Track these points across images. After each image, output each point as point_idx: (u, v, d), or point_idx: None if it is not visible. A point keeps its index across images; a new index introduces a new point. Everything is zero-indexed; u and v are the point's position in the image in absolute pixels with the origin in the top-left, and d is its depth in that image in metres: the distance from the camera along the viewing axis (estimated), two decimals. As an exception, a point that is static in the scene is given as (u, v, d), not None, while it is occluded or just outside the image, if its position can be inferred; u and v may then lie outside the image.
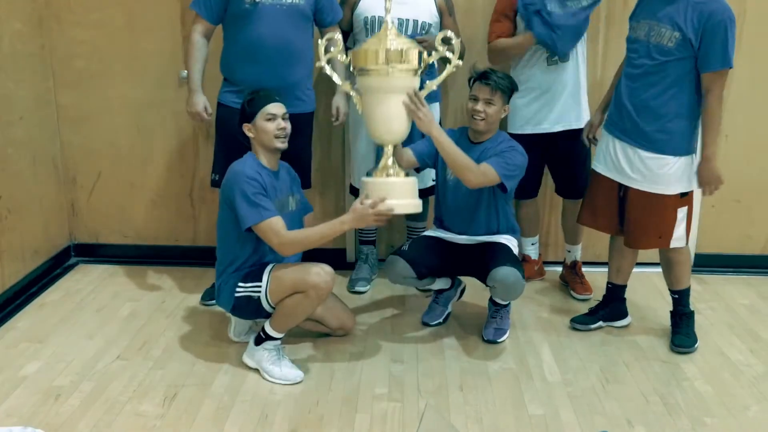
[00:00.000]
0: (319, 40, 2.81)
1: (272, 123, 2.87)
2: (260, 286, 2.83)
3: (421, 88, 2.79)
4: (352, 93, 2.87)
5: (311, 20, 3.32)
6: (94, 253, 4.07)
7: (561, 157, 3.57)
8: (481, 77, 3.03)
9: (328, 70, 2.83)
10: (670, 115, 2.91)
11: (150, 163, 3.96)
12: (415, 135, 3.08)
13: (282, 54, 3.21)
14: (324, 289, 2.77)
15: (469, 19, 3.64)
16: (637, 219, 3.06)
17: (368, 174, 2.86)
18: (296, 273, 2.79)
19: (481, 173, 2.93)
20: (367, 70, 2.69)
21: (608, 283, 3.32)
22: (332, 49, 2.83)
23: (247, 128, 2.91)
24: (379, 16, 3.35)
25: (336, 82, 2.90)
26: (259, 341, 2.90)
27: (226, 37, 3.32)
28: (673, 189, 2.98)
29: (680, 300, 3.18)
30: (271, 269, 2.85)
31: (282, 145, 2.90)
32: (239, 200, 2.77)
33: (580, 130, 3.43)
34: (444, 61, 2.78)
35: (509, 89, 3.07)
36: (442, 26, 3.45)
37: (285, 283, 2.79)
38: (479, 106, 3.02)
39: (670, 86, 2.89)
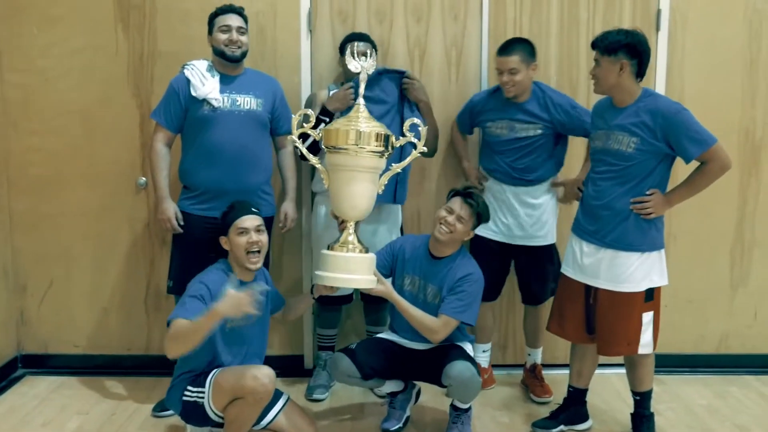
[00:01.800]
0: (293, 115, 2.88)
1: (243, 237, 2.86)
2: (204, 392, 2.79)
3: (387, 170, 2.89)
4: (319, 167, 2.91)
5: (268, 128, 3.40)
6: (42, 364, 3.93)
7: (521, 266, 3.62)
8: (466, 195, 3.06)
9: (298, 144, 2.91)
10: (635, 213, 2.95)
11: (104, 270, 3.90)
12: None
13: (240, 158, 3.27)
14: (261, 393, 2.71)
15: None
16: (606, 324, 3.04)
17: (328, 248, 2.88)
18: (234, 378, 2.73)
19: (444, 330, 3.01)
20: (337, 148, 2.75)
21: (569, 386, 3.30)
22: (305, 125, 2.88)
23: (223, 242, 2.92)
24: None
25: (306, 156, 2.94)
26: None
27: (184, 144, 3.37)
28: (643, 285, 2.99)
29: (642, 402, 3.17)
30: (214, 374, 2.81)
31: (253, 265, 2.87)
32: (182, 297, 2.78)
33: (536, 247, 3.51)
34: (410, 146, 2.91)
35: (484, 218, 3.10)
36: None
37: (224, 389, 2.75)
38: (451, 219, 3.03)
39: (635, 187, 2.94)
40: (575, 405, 3.28)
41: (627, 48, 2.87)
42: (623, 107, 2.96)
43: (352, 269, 2.81)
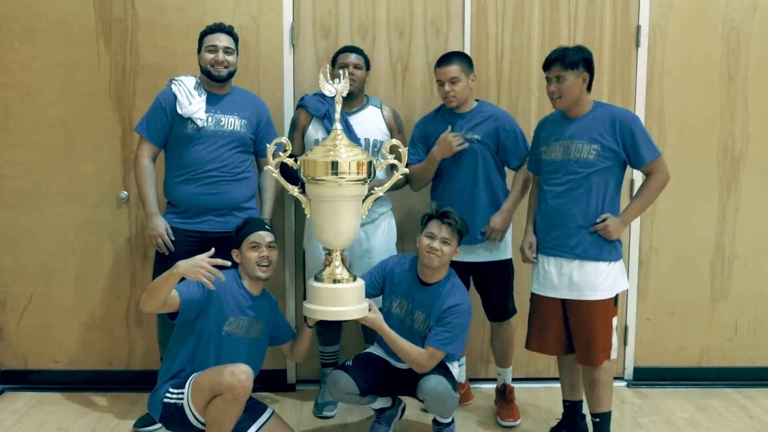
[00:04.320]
0: (267, 144, 2.85)
1: (255, 252, 2.94)
2: (183, 393, 2.79)
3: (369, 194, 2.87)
4: (300, 198, 2.88)
5: (252, 148, 3.41)
6: (22, 380, 3.89)
7: (482, 283, 3.55)
8: (442, 216, 3.03)
9: (276, 174, 2.84)
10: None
11: (85, 284, 3.87)
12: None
13: (222, 177, 3.28)
14: (239, 389, 2.71)
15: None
16: (584, 335, 3.04)
17: (316, 278, 2.85)
18: (212, 376, 2.76)
19: (431, 362, 3.00)
20: (316, 179, 2.72)
21: (564, 401, 3.26)
22: (281, 153, 2.84)
23: (235, 254, 3.00)
24: None
25: (284, 186, 2.91)
26: None
27: (168, 160, 3.37)
28: (613, 291, 3.02)
29: (601, 425, 3.10)
30: (193, 375, 2.83)
31: (263, 274, 2.96)
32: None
33: (494, 262, 3.46)
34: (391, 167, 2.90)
35: (465, 232, 3.08)
36: None
37: (203, 387, 2.76)
38: (436, 245, 3.00)
39: (595, 197, 3.00)
40: (573, 419, 3.24)
41: (584, 62, 3.02)
42: (577, 118, 3.04)
43: (341, 301, 2.79)
